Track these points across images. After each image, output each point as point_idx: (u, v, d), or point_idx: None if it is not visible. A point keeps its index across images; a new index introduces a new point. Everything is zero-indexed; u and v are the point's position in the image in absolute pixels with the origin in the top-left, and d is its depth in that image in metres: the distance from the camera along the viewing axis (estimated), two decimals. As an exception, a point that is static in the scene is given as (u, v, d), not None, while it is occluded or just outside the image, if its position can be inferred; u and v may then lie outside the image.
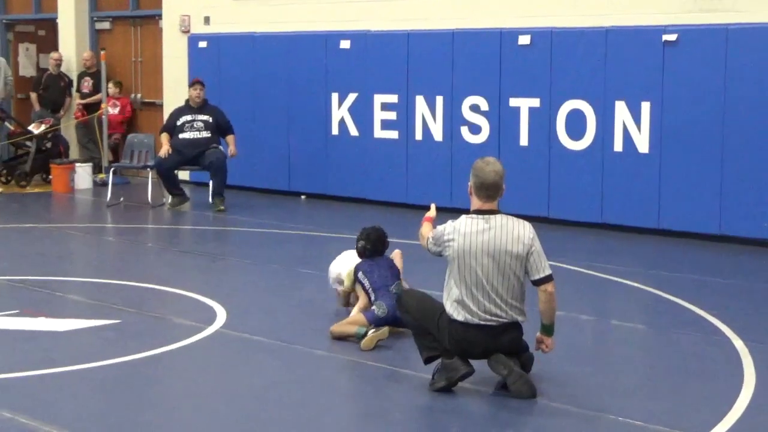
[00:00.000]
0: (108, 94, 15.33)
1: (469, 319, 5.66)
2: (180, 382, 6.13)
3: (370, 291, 6.95)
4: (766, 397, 5.69)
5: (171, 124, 12.72)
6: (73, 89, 16.22)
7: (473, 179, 5.72)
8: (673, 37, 10.45)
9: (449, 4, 12.48)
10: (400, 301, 6.13)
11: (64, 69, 16.21)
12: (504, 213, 5.75)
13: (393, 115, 12.55)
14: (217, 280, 8.86)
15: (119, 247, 10.75)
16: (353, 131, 12.94)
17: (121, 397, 5.74)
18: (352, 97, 12.90)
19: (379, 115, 12.68)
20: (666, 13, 10.80)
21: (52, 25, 17.09)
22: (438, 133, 12.16)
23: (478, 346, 5.68)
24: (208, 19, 14.78)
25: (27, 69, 17.62)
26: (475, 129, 11.86)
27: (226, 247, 10.85)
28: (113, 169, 13.62)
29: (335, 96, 13.08)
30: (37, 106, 16.06)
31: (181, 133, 12.55)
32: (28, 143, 14.75)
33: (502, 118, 11.62)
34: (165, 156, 12.41)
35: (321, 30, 13.30)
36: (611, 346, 7.06)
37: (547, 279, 5.67)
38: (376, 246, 7.16)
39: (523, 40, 11.40)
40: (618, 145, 10.87)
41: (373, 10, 13.07)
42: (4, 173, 14.85)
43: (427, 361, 5.90)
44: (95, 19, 16.65)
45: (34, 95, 16.27)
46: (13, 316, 7.34)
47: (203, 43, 14.40)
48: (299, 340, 6.74)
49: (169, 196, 12.74)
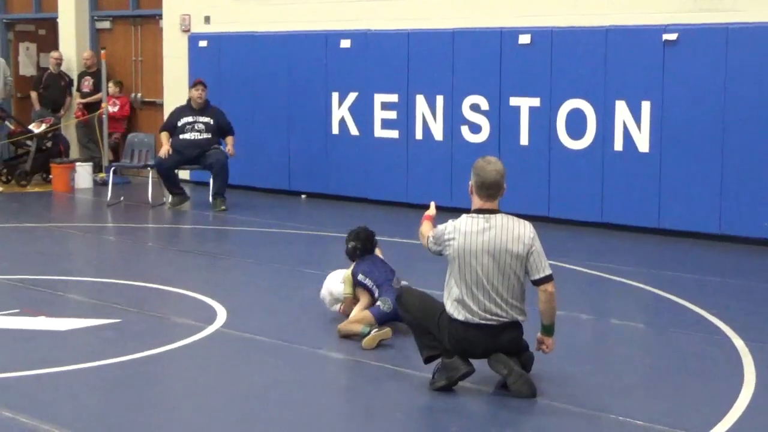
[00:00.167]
0: (108, 94, 15.33)
1: (470, 318, 5.66)
2: (180, 382, 6.13)
3: (374, 288, 6.96)
4: (766, 397, 5.69)
5: (171, 123, 12.71)
6: (74, 89, 16.21)
7: (474, 178, 5.72)
8: (673, 36, 10.45)
9: (449, 4, 12.48)
10: (400, 300, 6.13)
11: (64, 68, 16.21)
12: (504, 212, 5.75)
13: (393, 114, 12.55)
14: (217, 280, 8.86)
15: (119, 247, 10.75)
16: (353, 131, 12.94)
17: (121, 397, 5.74)
18: (353, 96, 12.90)
19: (380, 114, 12.68)
20: (666, 12, 10.80)
21: (52, 25, 17.09)
22: (438, 133, 12.16)
23: (478, 346, 5.68)
24: (208, 19, 14.78)
25: (27, 68, 17.62)
26: (475, 128, 11.86)
27: (227, 246, 10.85)
28: (113, 168, 13.61)
29: (335, 95, 13.08)
30: (37, 106, 16.05)
31: (182, 134, 12.54)
32: (29, 142, 14.75)
33: (503, 118, 11.62)
34: (165, 157, 12.41)
35: (321, 29, 13.30)
36: (611, 345, 7.06)
37: (547, 279, 5.66)
38: (366, 245, 7.23)
39: (524, 39, 11.40)
40: (618, 145, 10.87)
41: (373, 10, 13.07)
42: (4, 172, 14.85)
43: (428, 360, 5.90)
44: (96, 18, 16.65)
45: (34, 94, 16.26)
46: (13, 316, 7.34)
47: (203, 43, 14.40)
48: (300, 340, 6.75)
49: (170, 196, 12.73)
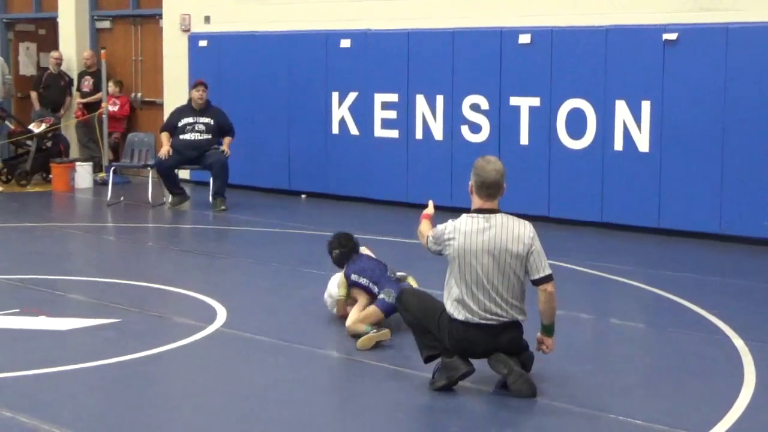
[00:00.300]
0: (108, 93, 15.33)
1: (470, 318, 5.66)
2: (180, 382, 6.13)
3: (371, 285, 6.98)
4: (766, 397, 5.69)
5: (172, 123, 12.71)
6: (74, 88, 16.21)
7: (474, 178, 5.72)
8: (673, 36, 10.45)
9: (449, 3, 12.48)
10: (400, 300, 6.13)
11: (64, 68, 16.21)
12: (504, 212, 5.75)
13: (393, 114, 12.55)
14: (217, 279, 8.86)
15: (119, 247, 10.75)
16: (353, 130, 12.94)
17: (121, 397, 5.74)
18: (353, 96, 12.90)
19: (380, 114, 12.68)
20: (666, 12, 10.81)
21: (52, 24, 17.09)
22: (438, 132, 12.16)
23: (478, 345, 5.68)
24: (208, 18, 14.78)
25: (27, 68, 17.62)
26: (475, 128, 11.86)
27: (227, 246, 10.85)
28: (113, 168, 13.61)
29: (335, 95, 13.08)
30: (37, 105, 16.05)
31: (182, 135, 12.54)
32: (29, 142, 14.75)
33: (503, 118, 11.62)
34: (165, 157, 12.40)
35: (321, 29, 13.29)
36: (611, 345, 7.06)
37: (547, 279, 5.66)
38: (349, 247, 7.31)
39: (524, 39, 11.40)
40: (618, 145, 10.87)
41: (373, 9, 13.07)
42: (4, 172, 14.85)
43: (428, 360, 5.90)
44: (96, 18, 16.65)
45: (34, 94, 16.26)
46: (14, 316, 7.34)
47: (203, 42, 14.40)
48: (300, 340, 6.75)
49: (170, 196, 12.74)
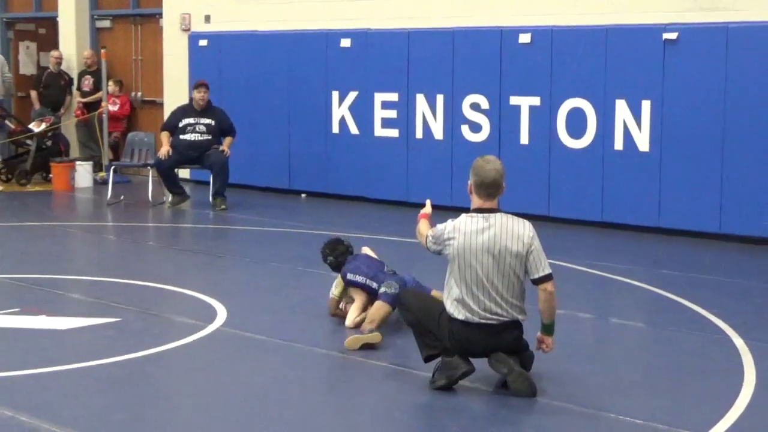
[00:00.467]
0: (108, 93, 15.33)
1: (470, 317, 5.66)
2: (180, 381, 6.13)
3: (368, 282, 7.00)
4: (766, 396, 5.69)
5: (173, 123, 12.70)
6: (74, 88, 16.22)
7: (473, 178, 5.72)
8: (673, 35, 10.45)
9: (450, 3, 12.48)
10: (400, 300, 6.13)
11: (64, 67, 16.22)
12: (504, 212, 5.75)
13: (393, 113, 12.55)
14: (217, 279, 8.86)
15: (120, 246, 10.75)
16: (354, 130, 12.94)
17: (121, 396, 5.74)
18: (353, 95, 12.90)
19: (380, 113, 12.68)
20: (666, 11, 10.81)
21: (52, 24, 17.09)
22: (438, 132, 12.16)
23: (478, 345, 5.69)
24: (208, 18, 14.78)
25: (27, 67, 17.62)
26: (475, 127, 11.86)
27: (227, 245, 10.85)
28: (113, 167, 13.61)
29: (336, 94, 13.08)
30: (37, 105, 16.05)
31: (183, 135, 12.53)
32: (29, 142, 14.75)
33: (503, 117, 11.62)
34: (165, 157, 12.40)
35: (321, 28, 13.29)
36: (611, 344, 7.06)
37: (547, 278, 5.66)
38: (340, 250, 7.34)
39: (524, 38, 11.40)
40: (618, 144, 10.88)
41: (373, 9, 13.07)
42: (4, 171, 14.85)
43: (428, 359, 5.91)
44: (96, 17, 16.65)
45: (34, 93, 16.26)
46: (14, 315, 7.34)
47: (204, 42, 14.39)
48: (300, 339, 6.75)
49: (170, 195, 12.74)
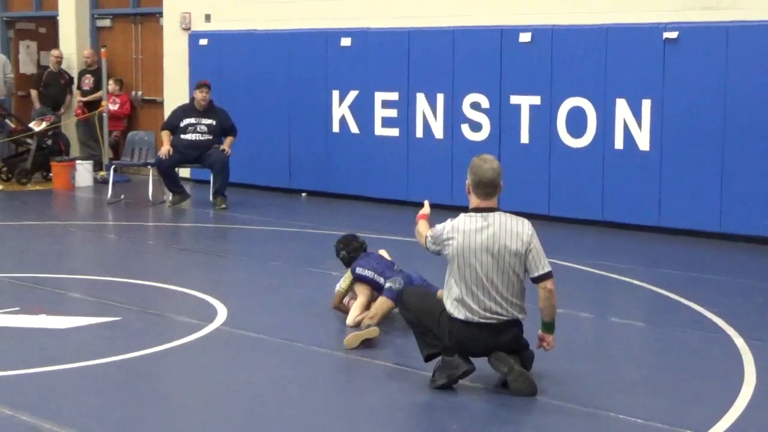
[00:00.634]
0: (108, 92, 15.33)
1: (470, 317, 5.66)
2: (180, 380, 6.13)
3: (376, 277, 7.04)
4: (766, 396, 5.69)
5: (174, 123, 12.69)
6: (74, 87, 16.22)
7: (471, 177, 5.72)
8: (673, 34, 10.44)
9: (450, 2, 12.48)
10: (401, 299, 6.13)
11: (64, 66, 16.21)
12: (503, 210, 5.75)
13: (394, 112, 12.55)
14: (217, 278, 8.86)
15: (120, 245, 10.75)
16: (354, 129, 12.94)
17: (121, 395, 5.74)
18: (353, 94, 12.90)
19: (380, 112, 12.68)
20: (667, 11, 10.80)
21: (52, 23, 17.09)
22: (439, 131, 12.16)
23: (478, 344, 5.69)
24: (208, 17, 14.78)
25: (28, 66, 17.61)
26: (475, 126, 11.86)
27: (227, 244, 10.85)
28: (114, 166, 13.62)
29: (336, 93, 13.08)
30: (37, 104, 16.04)
31: (184, 134, 12.53)
32: (29, 141, 14.76)
33: (503, 116, 11.62)
34: (165, 156, 12.40)
35: (322, 27, 13.29)
36: (611, 343, 7.06)
37: (547, 276, 5.66)
38: (354, 245, 7.39)
39: (524, 37, 11.40)
40: (619, 143, 10.87)
41: (373, 8, 13.06)
42: (4, 171, 14.86)
43: (428, 358, 5.91)
44: (96, 16, 16.65)
45: (34, 93, 16.26)
46: (14, 314, 7.34)
47: (204, 41, 14.39)
48: (300, 338, 6.75)
49: (170, 194, 12.73)
